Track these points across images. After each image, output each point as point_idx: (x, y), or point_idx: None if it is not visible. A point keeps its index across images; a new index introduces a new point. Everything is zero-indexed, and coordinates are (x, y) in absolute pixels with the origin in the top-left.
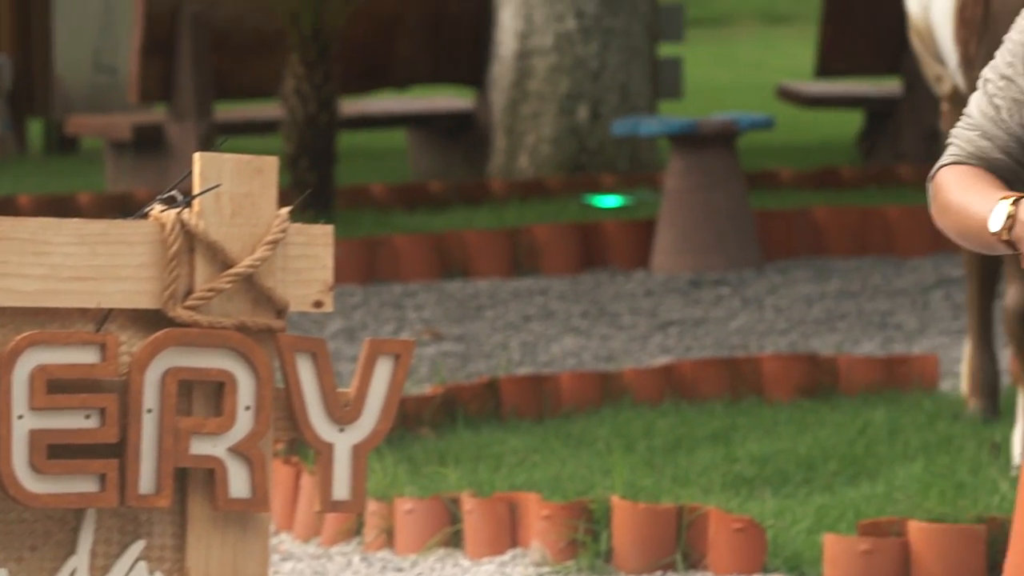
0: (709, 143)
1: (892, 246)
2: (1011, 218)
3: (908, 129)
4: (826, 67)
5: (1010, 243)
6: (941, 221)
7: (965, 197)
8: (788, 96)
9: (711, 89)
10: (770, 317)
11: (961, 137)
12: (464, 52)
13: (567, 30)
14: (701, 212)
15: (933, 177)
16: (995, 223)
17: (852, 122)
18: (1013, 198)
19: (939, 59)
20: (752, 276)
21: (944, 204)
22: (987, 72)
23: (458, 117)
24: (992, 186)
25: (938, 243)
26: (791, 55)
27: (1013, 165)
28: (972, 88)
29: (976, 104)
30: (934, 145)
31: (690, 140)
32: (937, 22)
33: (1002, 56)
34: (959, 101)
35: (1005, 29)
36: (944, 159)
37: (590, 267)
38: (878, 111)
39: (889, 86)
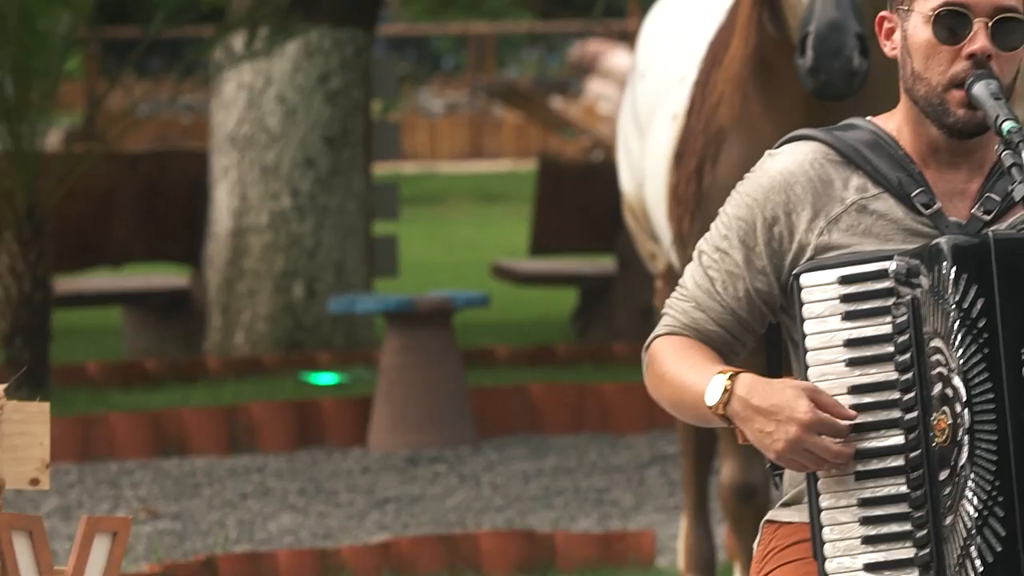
0: (425, 320)
1: (608, 423)
2: (727, 392)
3: (623, 307)
4: (540, 245)
5: (726, 417)
6: (656, 391)
7: (680, 369)
8: (503, 274)
9: (427, 267)
10: (487, 494)
11: (676, 308)
12: (179, 230)
13: (282, 208)
14: (417, 389)
15: (648, 347)
16: (711, 397)
17: (567, 300)
18: (729, 373)
19: (653, 236)
20: (469, 453)
21: (659, 374)
22: (702, 244)
23: (174, 295)
24: (707, 359)
25: (654, 420)
26: (506, 233)
27: (727, 337)
28: (686, 265)
29: (691, 275)
30: (649, 322)
31: (406, 318)
32: (651, 200)
33: (717, 229)
34: (673, 278)
35: (718, 206)
36: (659, 329)
37: (307, 444)
38: (592, 289)
39: (603, 264)
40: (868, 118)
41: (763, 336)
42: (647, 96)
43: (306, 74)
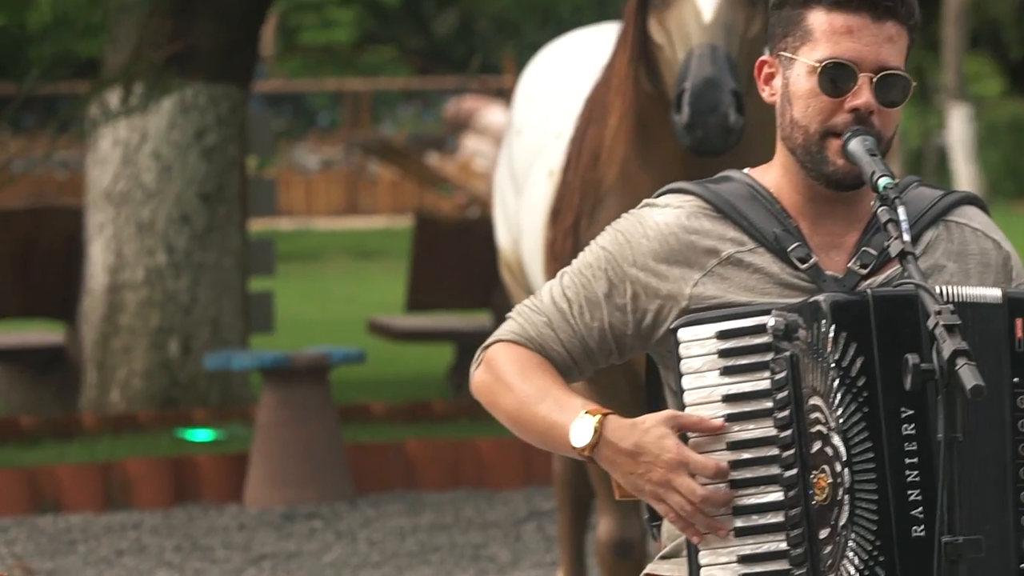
0: (301, 377)
1: (484, 479)
2: (597, 434)
3: None
4: (416, 302)
5: (591, 459)
6: (492, 399)
7: (530, 390)
8: (379, 330)
9: (303, 323)
10: (364, 550)
11: (526, 318)
12: (55, 286)
13: (158, 265)
14: (294, 445)
15: (488, 347)
16: (579, 438)
17: (443, 356)
18: (598, 415)
19: (530, 293)
20: (345, 509)
21: (504, 384)
22: (568, 267)
23: (49, 351)
24: (559, 385)
25: (530, 476)
26: (382, 290)
27: (569, 361)
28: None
29: (550, 292)
30: None
31: (282, 374)
32: (527, 256)
33: (585, 257)
34: None
35: None
36: (503, 333)
37: (183, 501)
38: (469, 345)
39: (479, 320)
40: (744, 170)
41: (645, 383)
42: (524, 152)
43: (182, 130)
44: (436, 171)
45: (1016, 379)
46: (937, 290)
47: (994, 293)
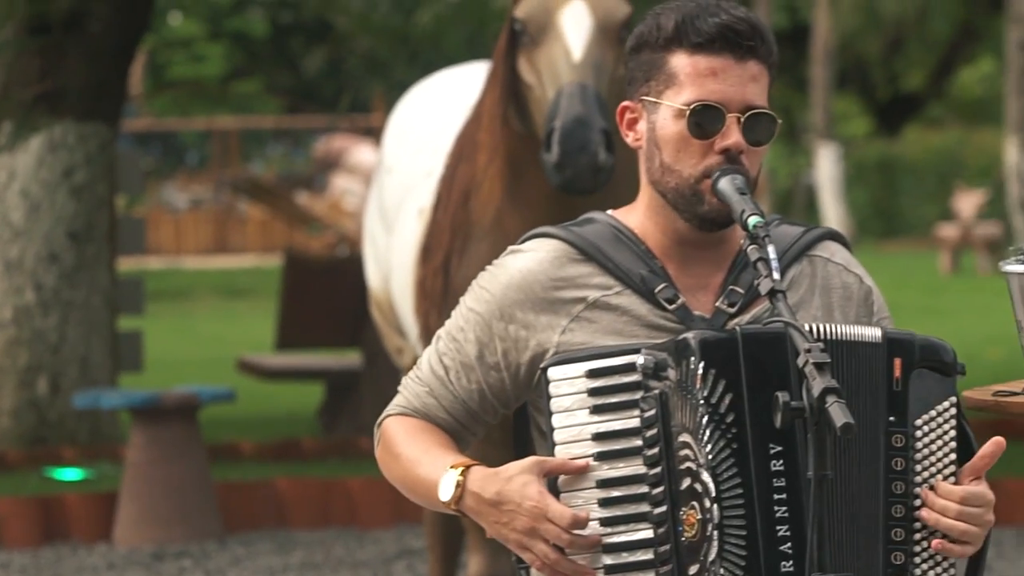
0: (171, 416)
1: (355, 517)
2: (459, 487)
3: (369, 401)
4: (286, 340)
5: (460, 511)
6: (388, 471)
7: (413, 453)
8: (249, 369)
9: (172, 362)
10: None
11: (410, 390)
12: None
13: (26, 303)
14: (163, 484)
15: (380, 424)
16: (445, 493)
17: (313, 394)
18: (461, 468)
19: (400, 331)
20: (215, 548)
21: (393, 455)
22: (442, 330)
23: None
24: (439, 445)
25: (401, 514)
26: (251, 328)
27: (456, 425)
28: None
29: (428, 360)
30: None
31: (152, 413)
32: (397, 294)
33: (455, 319)
34: None
35: None
36: (392, 408)
37: (52, 540)
38: (338, 384)
39: (349, 359)
40: (608, 212)
41: (511, 428)
42: (394, 190)
43: (50, 168)
44: (305, 210)
45: (892, 418)
46: (813, 327)
47: (873, 333)
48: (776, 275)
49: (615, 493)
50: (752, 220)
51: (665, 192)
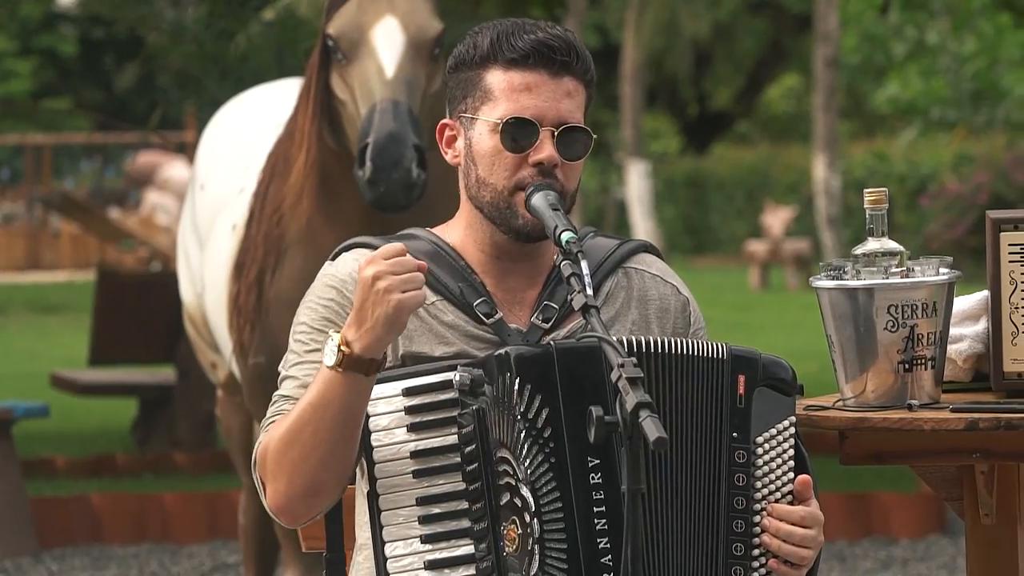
0: None
1: (169, 533)
2: (339, 335)
3: (183, 416)
4: (99, 356)
5: (356, 360)
6: (286, 452)
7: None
8: (62, 384)
9: None
10: None
11: (275, 409)
12: None
13: None
14: None
15: (256, 459)
16: (330, 357)
17: (127, 409)
18: (337, 335)
19: (214, 346)
20: (29, 564)
21: (284, 443)
22: (292, 352)
23: None
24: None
25: (215, 530)
26: (65, 344)
27: None
28: (247, 374)
29: (285, 384)
30: (209, 432)
31: None
32: (211, 309)
33: (295, 341)
34: (235, 388)
35: (279, 316)
36: (261, 437)
37: None
38: (152, 399)
39: (163, 374)
40: (428, 229)
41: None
42: (207, 207)
43: None
44: (118, 225)
45: (735, 434)
46: (663, 342)
47: (719, 349)
48: (589, 291)
49: (435, 510)
50: (565, 236)
51: (482, 206)
